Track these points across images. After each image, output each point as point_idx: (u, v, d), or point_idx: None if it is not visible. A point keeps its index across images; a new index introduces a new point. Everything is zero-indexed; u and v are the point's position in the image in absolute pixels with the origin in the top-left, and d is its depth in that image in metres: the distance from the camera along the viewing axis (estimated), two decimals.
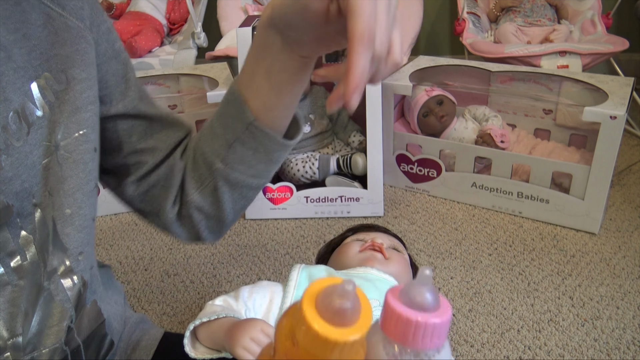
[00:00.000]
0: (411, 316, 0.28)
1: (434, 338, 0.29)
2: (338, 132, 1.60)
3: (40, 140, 0.43)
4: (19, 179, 0.42)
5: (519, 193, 1.47)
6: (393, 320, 0.29)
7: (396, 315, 0.29)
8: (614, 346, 1.05)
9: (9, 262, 0.42)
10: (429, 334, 0.29)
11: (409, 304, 0.29)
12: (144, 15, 2.19)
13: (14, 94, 0.41)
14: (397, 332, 0.29)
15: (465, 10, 2.04)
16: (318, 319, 0.28)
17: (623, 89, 1.40)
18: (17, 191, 0.42)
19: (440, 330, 0.29)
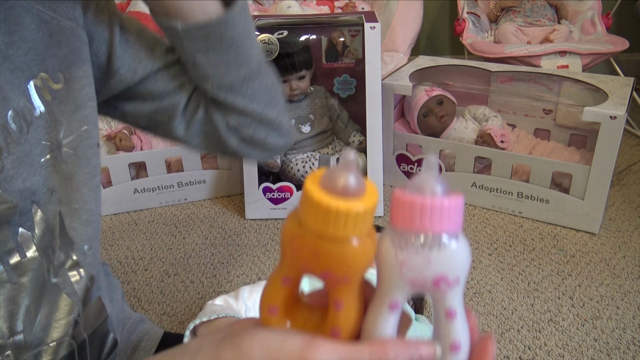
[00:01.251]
0: (416, 200, 0.27)
1: (458, 218, 0.28)
2: (338, 132, 1.60)
3: (38, 139, 0.44)
4: (20, 177, 0.42)
5: (519, 193, 1.47)
6: (400, 209, 0.28)
7: (402, 202, 0.27)
8: (614, 346, 1.05)
9: (7, 260, 0.43)
10: (455, 215, 0.28)
11: (420, 191, 0.28)
12: (144, 15, 2.19)
13: (12, 93, 0.42)
14: (404, 219, 0.28)
15: (465, 10, 2.04)
16: (320, 192, 0.27)
17: (623, 89, 1.40)
18: (20, 190, 0.42)
19: (461, 211, 0.28)
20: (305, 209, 0.28)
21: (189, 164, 1.61)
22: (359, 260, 0.28)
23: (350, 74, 1.54)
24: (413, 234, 0.28)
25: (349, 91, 1.56)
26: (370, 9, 2.15)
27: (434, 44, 2.56)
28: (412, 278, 0.28)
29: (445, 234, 0.28)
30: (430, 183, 0.28)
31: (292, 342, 0.29)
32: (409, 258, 0.28)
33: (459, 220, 0.29)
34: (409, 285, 0.29)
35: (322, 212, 0.27)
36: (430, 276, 0.28)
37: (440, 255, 0.28)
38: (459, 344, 0.29)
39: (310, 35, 1.52)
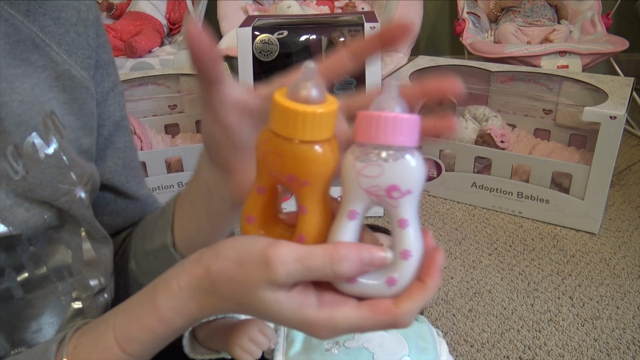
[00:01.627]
0: (382, 113, 0.30)
1: (412, 132, 0.30)
2: None
3: (48, 181, 0.41)
4: (21, 206, 0.40)
5: (519, 193, 1.47)
6: (359, 124, 0.31)
7: (361, 117, 0.30)
8: (614, 346, 1.05)
9: (15, 277, 0.41)
10: (409, 128, 0.30)
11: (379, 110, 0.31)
12: (144, 15, 2.19)
13: (16, 127, 0.39)
14: (362, 133, 0.31)
15: (465, 10, 2.04)
16: (285, 99, 0.30)
17: (623, 89, 1.40)
18: (24, 219, 0.40)
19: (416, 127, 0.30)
20: (271, 116, 0.31)
21: (189, 164, 1.61)
22: (319, 163, 0.31)
23: (350, 74, 1.54)
24: (370, 146, 0.30)
25: (349, 91, 1.56)
26: (370, 9, 2.15)
27: (434, 44, 2.56)
28: (368, 186, 0.31)
29: (398, 146, 0.30)
30: (389, 102, 0.30)
31: (259, 243, 0.33)
32: (365, 168, 0.30)
33: (413, 136, 0.31)
34: (366, 194, 0.31)
35: (285, 115, 0.30)
36: (383, 185, 0.30)
37: (393, 165, 0.30)
38: (409, 252, 0.31)
39: (310, 35, 1.52)
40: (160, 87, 1.78)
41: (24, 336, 0.43)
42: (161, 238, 0.49)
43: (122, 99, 0.51)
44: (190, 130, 1.81)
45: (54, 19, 0.42)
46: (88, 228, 0.46)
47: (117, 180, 0.53)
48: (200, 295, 0.34)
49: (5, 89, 0.38)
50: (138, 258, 0.53)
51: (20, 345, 0.43)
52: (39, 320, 0.44)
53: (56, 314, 0.44)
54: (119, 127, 0.52)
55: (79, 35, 0.44)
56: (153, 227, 0.51)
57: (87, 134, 0.47)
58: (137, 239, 0.53)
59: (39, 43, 0.41)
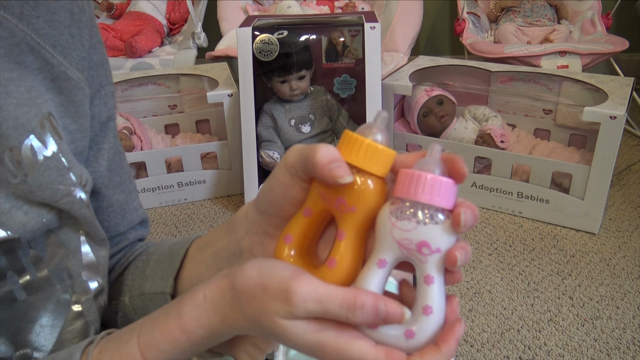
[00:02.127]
0: (422, 173, 0.32)
1: (447, 195, 0.32)
2: (338, 132, 1.60)
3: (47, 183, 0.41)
4: (20, 210, 0.40)
5: (519, 193, 1.47)
6: (400, 180, 0.33)
7: (402, 174, 0.33)
8: (614, 346, 1.05)
9: (17, 280, 0.41)
10: (445, 191, 0.32)
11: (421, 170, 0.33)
12: (144, 15, 2.19)
13: (13, 131, 0.39)
14: (402, 189, 0.33)
15: (465, 10, 2.04)
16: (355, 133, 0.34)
17: (623, 89, 1.40)
18: (22, 222, 0.40)
19: (452, 191, 0.32)
20: (339, 144, 0.34)
21: (189, 164, 1.61)
22: (369, 194, 0.34)
23: (350, 74, 1.54)
24: (407, 201, 0.32)
25: (349, 91, 1.56)
26: (370, 9, 2.15)
27: (434, 44, 2.56)
28: (400, 239, 0.32)
29: (434, 206, 0.32)
30: (431, 164, 0.33)
31: (283, 271, 0.34)
32: (400, 221, 0.32)
33: (449, 198, 0.32)
34: (397, 246, 0.33)
35: (351, 142, 0.33)
36: (415, 240, 0.32)
37: (426, 223, 0.32)
38: (430, 308, 0.32)
39: (310, 35, 1.52)
40: (160, 87, 1.78)
41: (28, 338, 0.43)
42: (162, 284, 0.49)
43: (110, 100, 0.51)
44: (190, 130, 1.81)
45: (48, 21, 0.42)
46: (88, 229, 0.46)
47: (101, 182, 0.52)
48: (223, 308, 0.35)
49: (1, 93, 0.38)
50: (133, 294, 0.53)
51: (24, 347, 0.43)
52: (41, 322, 0.44)
53: (57, 315, 0.45)
54: (104, 128, 0.51)
55: (73, 36, 0.44)
56: (156, 269, 0.51)
57: (82, 137, 0.47)
58: (137, 275, 0.53)
59: (34, 45, 0.41)
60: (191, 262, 0.49)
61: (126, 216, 0.56)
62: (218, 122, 1.74)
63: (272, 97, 1.53)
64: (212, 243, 0.47)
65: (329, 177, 0.33)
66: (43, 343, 0.44)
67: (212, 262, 0.47)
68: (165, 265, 0.51)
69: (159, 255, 0.53)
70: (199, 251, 0.50)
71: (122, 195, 0.55)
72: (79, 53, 0.45)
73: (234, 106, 1.54)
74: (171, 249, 0.52)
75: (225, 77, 1.66)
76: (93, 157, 0.51)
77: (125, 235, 0.57)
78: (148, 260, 0.53)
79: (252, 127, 1.46)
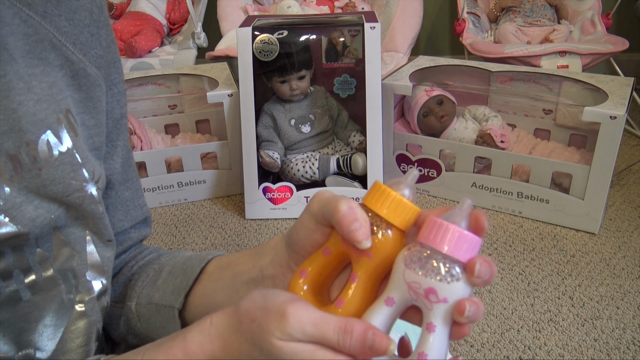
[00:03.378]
0: (446, 223, 0.33)
1: (464, 247, 0.32)
2: (338, 132, 1.60)
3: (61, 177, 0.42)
4: (30, 204, 0.41)
5: (519, 193, 1.47)
6: (424, 227, 0.34)
7: (427, 221, 0.33)
8: (614, 346, 1.05)
9: (22, 279, 0.42)
10: (462, 243, 0.32)
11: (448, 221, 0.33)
12: (144, 15, 2.19)
13: (31, 125, 0.40)
14: (424, 235, 0.33)
15: (465, 10, 2.04)
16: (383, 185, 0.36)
17: (623, 89, 1.40)
18: (32, 217, 0.41)
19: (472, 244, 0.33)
20: (367, 193, 0.36)
21: (189, 164, 1.61)
22: (386, 245, 0.35)
23: (350, 74, 1.54)
24: (427, 247, 0.33)
25: (349, 91, 1.56)
26: (370, 9, 2.15)
27: (434, 44, 2.56)
28: (410, 281, 0.33)
29: (451, 258, 0.32)
30: (458, 217, 0.33)
31: (284, 296, 0.35)
32: (413, 263, 0.33)
33: (469, 253, 0.33)
34: (406, 287, 0.33)
35: (378, 192, 0.35)
36: (424, 285, 0.33)
37: (438, 272, 0.32)
38: (426, 355, 0.33)
39: (310, 35, 1.52)
40: (160, 87, 1.78)
41: (31, 338, 0.43)
42: (172, 298, 0.50)
43: (122, 98, 0.52)
44: (190, 130, 1.81)
45: (69, 20, 0.44)
46: (96, 227, 0.47)
47: (115, 178, 0.54)
48: (226, 333, 0.36)
49: (22, 89, 0.40)
50: (140, 302, 0.53)
51: (27, 347, 0.43)
52: (44, 322, 0.44)
53: (61, 316, 0.45)
54: (118, 125, 0.53)
55: (92, 35, 0.46)
56: (168, 282, 0.52)
57: (99, 132, 0.48)
58: (147, 283, 0.54)
59: (56, 43, 0.43)
60: (208, 279, 0.50)
61: (130, 212, 0.57)
62: (218, 122, 1.74)
63: (272, 97, 1.53)
64: (234, 264, 0.49)
65: (348, 238, 0.35)
66: (46, 343, 0.44)
67: (231, 282, 0.48)
68: (178, 280, 0.51)
69: (173, 267, 0.54)
70: (218, 270, 0.51)
71: (128, 192, 0.56)
72: (97, 51, 0.47)
73: (234, 106, 1.54)
74: (185, 263, 0.53)
75: (225, 77, 1.66)
76: (108, 153, 0.52)
77: (129, 234, 0.58)
78: (160, 271, 0.54)
79: (252, 127, 1.46)
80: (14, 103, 0.39)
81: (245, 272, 0.46)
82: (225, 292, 0.48)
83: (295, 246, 0.41)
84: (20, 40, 0.40)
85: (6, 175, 0.39)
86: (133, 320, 0.53)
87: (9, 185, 0.39)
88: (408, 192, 0.36)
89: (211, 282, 0.50)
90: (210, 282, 0.50)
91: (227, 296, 0.48)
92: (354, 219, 0.35)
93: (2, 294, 0.41)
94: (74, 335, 0.46)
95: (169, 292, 0.51)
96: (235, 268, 0.48)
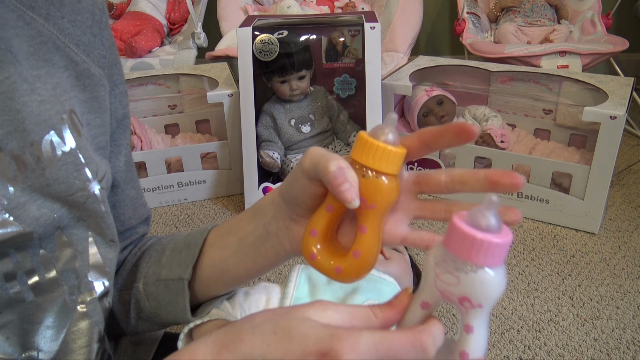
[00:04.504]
0: (480, 235, 0.30)
1: (495, 255, 0.31)
2: (338, 132, 1.60)
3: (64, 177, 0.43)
4: (34, 203, 0.41)
5: (518, 193, 1.47)
6: (450, 232, 0.32)
7: (453, 227, 0.32)
8: (614, 346, 1.05)
9: (26, 280, 0.42)
10: (493, 252, 0.31)
11: (474, 225, 0.31)
12: (144, 15, 2.19)
13: (35, 126, 0.41)
14: (449, 242, 0.32)
15: (465, 10, 2.04)
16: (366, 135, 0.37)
17: (623, 89, 1.40)
18: (35, 216, 0.41)
19: (502, 250, 0.31)
20: (354, 147, 0.37)
21: (189, 164, 1.61)
22: (386, 192, 0.37)
23: (350, 74, 1.54)
24: (453, 256, 0.32)
25: (349, 91, 1.56)
26: (370, 9, 2.15)
27: (434, 44, 2.56)
28: (442, 289, 0.33)
29: (479, 265, 0.32)
30: (486, 219, 0.31)
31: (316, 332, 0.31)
32: (443, 274, 0.32)
33: (499, 257, 0.32)
34: (439, 294, 0.33)
35: (367, 147, 0.37)
36: (456, 294, 0.32)
37: (469, 280, 0.32)
38: (467, 354, 0.33)
39: (310, 35, 1.52)
40: (160, 87, 1.78)
41: (34, 339, 0.44)
42: (180, 270, 0.51)
43: (124, 98, 0.53)
44: (190, 130, 1.81)
45: (72, 22, 0.45)
46: (98, 227, 0.47)
47: (120, 177, 0.54)
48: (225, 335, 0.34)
49: (26, 90, 0.40)
50: (147, 280, 0.54)
51: (30, 349, 0.44)
52: (46, 324, 0.44)
53: (63, 317, 0.45)
54: (121, 125, 0.53)
55: (95, 36, 0.47)
56: (173, 257, 0.53)
57: (104, 132, 0.49)
58: (152, 262, 0.55)
59: (60, 44, 0.44)
60: (212, 249, 0.51)
61: (137, 210, 0.59)
62: (218, 122, 1.74)
63: (272, 97, 1.53)
64: (235, 229, 0.49)
65: (339, 197, 0.36)
66: (48, 344, 0.44)
67: (238, 246, 0.48)
68: (182, 254, 0.52)
69: (175, 244, 0.54)
70: (220, 238, 0.51)
71: (134, 191, 0.58)
72: (99, 51, 0.47)
73: (234, 106, 1.54)
74: (187, 238, 0.53)
75: (225, 77, 1.66)
76: (112, 153, 0.53)
77: (135, 229, 0.59)
78: (163, 250, 0.55)
79: (252, 127, 1.46)
80: (18, 104, 0.39)
81: (249, 233, 0.47)
82: (235, 257, 0.49)
83: (294, 200, 0.42)
84: (24, 42, 0.41)
85: (10, 174, 0.40)
86: (142, 300, 0.54)
87: (13, 185, 0.40)
88: (392, 136, 0.37)
89: (217, 250, 0.50)
90: (216, 251, 0.50)
91: (238, 261, 0.48)
92: (343, 180, 0.36)
93: (6, 296, 0.41)
94: (75, 336, 0.46)
95: (176, 267, 0.52)
96: (239, 232, 0.48)
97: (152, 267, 0.54)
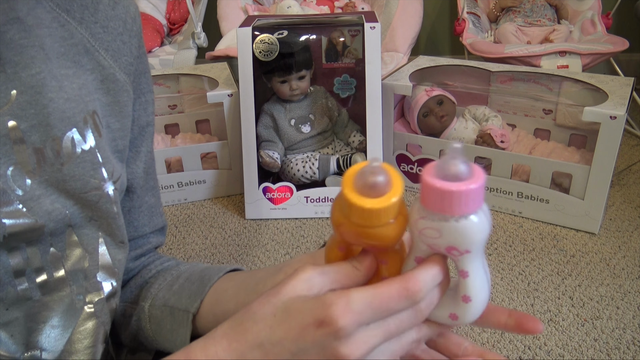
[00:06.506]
0: (447, 187, 0.30)
1: (469, 203, 0.31)
2: (338, 132, 1.60)
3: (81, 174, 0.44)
4: (48, 198, 0.42)
5: (519, 193, 1.47)
6: (422, 189, 0.32)
7: (434, 190, 0.31)
8: (614, 346, 1.05)
9: (34, 278, 0.43)
10: (466, 200, 0.31)
11: (444, 177, 0.31)
12: (144, 15, 2.19)
13: (59, 122, 0.42)
14: (424, 198, 0.32)
15: (465, 10, 2.04)
16: (355, 195, 0.33)
17: (623, 89, 1.40)
18: (48, 210, 0.42)
19: (475, 195, 0.31)
20: (346, 208, 0.33)
21: (189, 164, 1.61)
22: (395, 235, 0.35)
23: (350, 74, 1.54)
24: (431, 212, 0.32)
25: (349, 91, 1.56)
26: (370, 9, 2.15)
27: (434, 44, 2.56)
28: (429, 243, 0.34)
29: (460, 215, 0.32)
30: (453, 168, 0.31)
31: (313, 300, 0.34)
32: (425, 229, 0.33)
33: (476, 202, 0.31)
34: (428, 248, 0.34)
35: (360, 212, 0.32)
36: (442, 245, 0.33)
37: (450, 230, 0.32)
38: (469, 297, 0.35)
39: (310, 35, 1.52)
40: (160, 87, 1.78)
41: (38, 338, 0.44)
42: (188, 302, 0.51)
43: (150, 107, 0.55)
44: (190, 130, 1.81)
45: (104, 27, 0.46)
46: (109, 228, 0.48)
47: (137, 183, 0.55)
48: (230, 329, 0.35)
49: (54, 87, 0.42)
50: (155, 303, 0.54)
51: (33, 348, 0.44)
52: (52, 323, 0.45)
53: (69, 317, 0.45)
54: (143, 132, 0.55)
55: (124, 43, 0.49)
56: (184, 287, 0.53)
57: (123, 136, 0.50)
58: (164, 286, 0.55)
59: (89, 48, 0.45)
60: (221, 281, 0.51)
61: (153, 219, 0.59)
62: (218, 122, 1.74)
63: (272, 97, 1.53)
64: (252, 273, 0.50)
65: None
66: (53, 344, 0.45)
67: (244, 279, 0.49)
68: (195, 286, 0.52)
69: (190, 274, 0.55)
70: (234, 274, 0.52)
71: (153, 199, 0.59)
72: (127, 59, 0.49)
73: (234, 106, 1.54)
74: (203, 272, 0.54)
75: (225, 77, 1.66)
76: (132, 158, 0.54)
77: (149, 238, 0.60)
78: (178, 277, 0.55)
79: (252, 127, 1.46)
80: (45, 99, 0.41)
81: (262, 270, 0.48)
82: (235, 289, 0.49)
83: None
84: (56, 42, 0.42)
85: (30, 167, 0.41)
86: (143, 320, 0.54)
87: (31, 177, 0.41)
88: (382, 178, 0.32)
89: (224, 282, 0.51)
90: (222, 283, 0.51)
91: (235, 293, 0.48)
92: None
93: (14, 292, 0.42)
94: (82, 336, 0.46)
95: (185, 297, 0.52)
96: (255, 272, 0.49)
97: (163, 291, 0.54)
